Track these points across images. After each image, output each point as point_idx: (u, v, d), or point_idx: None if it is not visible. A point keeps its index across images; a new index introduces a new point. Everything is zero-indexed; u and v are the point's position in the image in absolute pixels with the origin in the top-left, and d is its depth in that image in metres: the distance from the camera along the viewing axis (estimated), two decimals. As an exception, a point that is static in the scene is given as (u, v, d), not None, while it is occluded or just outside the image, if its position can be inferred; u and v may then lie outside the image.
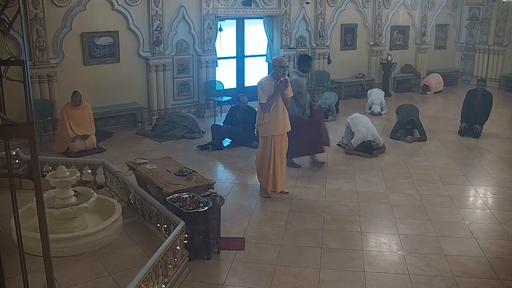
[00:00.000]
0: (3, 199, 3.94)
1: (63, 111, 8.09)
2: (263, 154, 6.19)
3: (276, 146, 6.12)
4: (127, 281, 3.64)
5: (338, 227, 5.58)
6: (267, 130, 6.08)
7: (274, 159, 6.14)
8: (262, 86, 6.00)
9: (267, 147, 6.13)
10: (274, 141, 6.10)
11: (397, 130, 9.17)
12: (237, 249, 5.00)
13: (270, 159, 6.13)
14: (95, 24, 9.01)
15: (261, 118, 6.09)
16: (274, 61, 6.19)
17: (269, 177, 6.20)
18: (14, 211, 2.63)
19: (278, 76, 5.97)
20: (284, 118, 6.14)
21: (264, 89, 5.96)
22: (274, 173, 6.19)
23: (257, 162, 6.37)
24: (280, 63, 6.01)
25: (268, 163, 6.15)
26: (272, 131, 6.07)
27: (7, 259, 3.28)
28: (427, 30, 14.25)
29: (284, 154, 6.29)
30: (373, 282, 4.47)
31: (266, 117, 6.03)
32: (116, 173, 5.84)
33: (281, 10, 11.38)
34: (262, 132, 6.16)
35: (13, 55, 2.56)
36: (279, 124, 6.08)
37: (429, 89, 13.51)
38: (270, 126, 6.05)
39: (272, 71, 6.13)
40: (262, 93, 5.98)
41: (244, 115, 8.64)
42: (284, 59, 6.31)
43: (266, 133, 6.10)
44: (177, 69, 10.27)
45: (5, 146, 2.54)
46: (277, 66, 6.00)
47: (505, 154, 8.31)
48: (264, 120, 6.05)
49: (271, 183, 6.25)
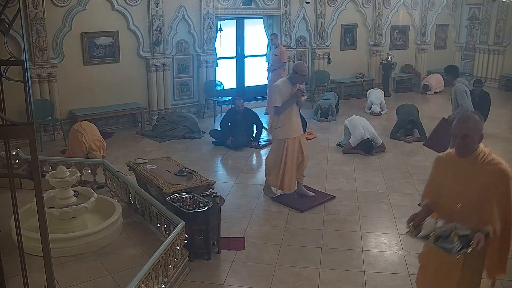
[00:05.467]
0: (3, 199, 3.94)
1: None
2: (275, 156, 6.16)
3: (289, 149, 6.07)
4: (127, 281, 3.64)
5: (338, 227, 5.58)
6: (281, 133, 6.05)
7: (286, 161, 6.09)
8: (279, 89, 5.92)
9: (279, 149, 6.10)
10: (287, 144, 6.06)
11: (397, 130, 9.17)
12: (237, 249, 5.00)
13: (281, 162, 6.09)
14: (95, 24, 9.01)
15: (275, 121, 6.06)
16: (295, 67, 6.05)
17: (278, 176, 6.16)
18: (14, 211, 2.63)
19: (296, 82, 5.93)
20: (297, 122, 6.12)
21: (281, 93, 5.89)
22: (284, 174, 6.15)
23: (267, 162, 6.35)
24: (301, 72, 5.93)
25: (279, 165, 6.10)
26: (285, 135, 6.04)
27: (7, 259, 3.27)
28: (427, 30, 14.25)
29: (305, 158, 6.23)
30: (373, 282, 4.47)
31: (280, 121, 5.99)
32: (116, 173, 5.84)
33: (281, 10, 11.37)
34: (275, 135, 6.14)
35: (13, 55, 2.57)
36: (293, 127, 6.05)
37: (429, 89, 13.52)
38: (284, 130, 6.03)
39: (290, 75, 6.05)
40: (278, 96, 5.91)
41: (243, 117, 8.63)
42: (305, 67, 6.20)
43: (280, 136, 6.08)
44: (177, 69, 10.27)
45: (5, 146, 2.54)
46: (298, 74, 5.92)
47: (505, 154, 8.29)
48: (278, 124, 6.02)
49: (280, 182, 6.21)
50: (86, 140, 7.42)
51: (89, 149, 7.42)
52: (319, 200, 6.21)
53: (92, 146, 7.45)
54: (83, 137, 7.40)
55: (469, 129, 2.94)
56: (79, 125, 7.67)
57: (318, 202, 6.17)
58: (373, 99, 11.18)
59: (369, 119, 8.90)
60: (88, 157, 7.27)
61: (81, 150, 7.35)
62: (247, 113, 8.74)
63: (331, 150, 8.39)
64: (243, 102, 8.80)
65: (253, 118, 8.77)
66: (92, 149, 7.45)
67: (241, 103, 8.72)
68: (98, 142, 7.58)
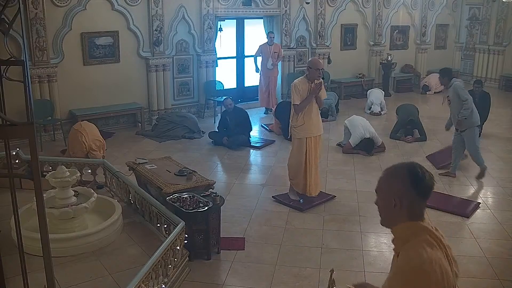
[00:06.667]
0: (3, 199, 3.93)
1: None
2: (298, 157, 6.03)
3: (310, 149, 5.99)
4: (127, 281, 3.64)
5: (338, 227, 5.58)
6: (302, 132, 5.96)
7: (308, 162, 6.01)
8: (296, 88, 5.85)
9: (302, 149, 5.99)
10: (308, 143, 5.98)
11: (397, 130, 9.17)
12: (237, 249, 5.00)
13: (305, 163, 5.99)
14: (95, 24, 9.01)
15: (294, 120, 5.97)
16: (309, 63, 6.04)
17: (304, 179, 6.05)
18: (14, 211, 2.63)
19: (313, 78, 5.86)
20: (317, 120, 6.03)
21: (298, 91, 5.83)
22: (306, 176, 6.05)
23: (290, 165, 6.19)
24: (316, 66, 5.86)
25: (303, 166, 6.00)
26: (306, 133, 5.95)
27: (7, 259, 3.27)
28: (427, 30, 14.24)
29: (317, 157, 6.16)
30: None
31: (300, 119, 5.91)
32: (116, 173, 5.84)
33: (281, 10, 11.37)
34: (296, 134, 6.02)
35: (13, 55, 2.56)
36: (313, 126, 5.97)
37: (429, 89, 13.52)
38: (304, 128, 5.94)
39: (306, 73, 5.98)
40: (296, 94, 5.84)
41: (234, 116, 8.60)
42: (320, 61, 6.15)
43: (300, 135, 5.98)
44: (177, 69, 10.27)
45: (5, 146, 2.54)
46: (312, 68, 5.85)
47: (505, 154, 8.32)
48: (298, 122, 5.94)
49: (304, 187, 6.10)
50: (86, 140, 7.41)
51: (89, 149, 7.42)
52: (319, 200, 6.21)
53: (92, 146, 7.44)
54: (83, 137, 7.39)
55: (379, 185, 2.06)
56: (79, 125, 7.67)
57: (318, 202, 6.17)
58: (373, 99, 11.18)
59: (369, 119, 8.90)
60: (88, 157, 7.26)
61: (81, 150, 7.35)
62: (237, 112, 8.72)
63: (331, 150, 8.39)
64: (231, 101, 8.77)
65: (242, 117, 8.73)
66: (92, 149, 7.44)
67: (229, 102, 8.70)
68: (98, 142, 7.58)
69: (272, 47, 10.62)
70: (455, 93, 6.82)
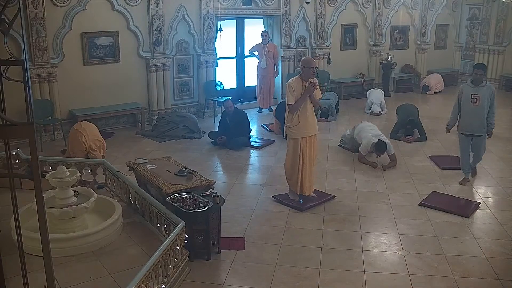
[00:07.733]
0: (3, 199, 3.94)
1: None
2: (293, 157, 6.02)
3: (305, 149, 5.98)
4: (127, 281, 3.63)
5: (338, 227, 5.58)
6: (297, 132, 5.93)
7: (303, 162, 6.00)
8: (290, 87, 5.82)
9: (296, 149, 5.98)
10: (303, 144, 5.96)
11: (397, 130, 9.17)
12: (237, 249, 5.00)
13: (299, 163, 5.99)
14: (95, 24, 9.01)
15: (289, 120, 5.93)
16: (303, 61, 6.00)
17: (299, 179, 6.05)
18: (14, 211, 2.63)
19: (307, 77, 5.82)
20: (313, 120, 6.00)
21: (293, 90, 5.80)
22: (302, 176, 6.04)
23: (286, 165, 6.18)
24: (309, 64, 5.83)
25: (298, 167, 6.00)
26: (302, 133, 5.93)
27: (7, 259, 3.27)
28: (427, 30, 14.24)
29: (313, 158, 6.15)
30: (373, 282, 4.47)
31: (294, 119, 5.88)
32: (116, 173, 5.83)
33: (281, 10, 11.38)
34: (291, 135, 6.00)
35: (13, 55, 2.57)
36: (308, 126, 5.93)
37: (429, 89, 13.52)
38: (299, 128, 5.91)
39: (301, 72, 5.95)
40: (290, 94, 5.81)
41: (234, 118, 8.59)
42: (313, 60, 6.11)
43: (295, 135, 5.95)
44: (177, 69, 10.27)
45: (5, 146, 2.54)
46: (306, 67, 5.82)
47: (505, 154, 8.32)
48: (293, 122, 5.90)
49: (299, 186, 6.09)
50: (86, 140, 7.41)
51: (89, 149, 7.42)
52: (319, 200, 6.21)
53: (92, 146, 7.44)
54: (83, 137, 7.39)
55: None
56: (79, 125, 7.67)
57: (318, 202, 6.17)
58: (373, 99, 11.18)
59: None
60: (88, 157, 7.26)
61: (81, 150, 7.35)
62: (237, 114, 8.70)
63: (331, 150, 8.39)
64: (231, 103, 8.74)
65: (241, 119, 8.70)
66: (92, 149, 7.44)
67: (230, 104, 8.67)
68: (98, 142, 7.57)
69: (267, 46, 10.64)
70: (492, 95, 6.52)
